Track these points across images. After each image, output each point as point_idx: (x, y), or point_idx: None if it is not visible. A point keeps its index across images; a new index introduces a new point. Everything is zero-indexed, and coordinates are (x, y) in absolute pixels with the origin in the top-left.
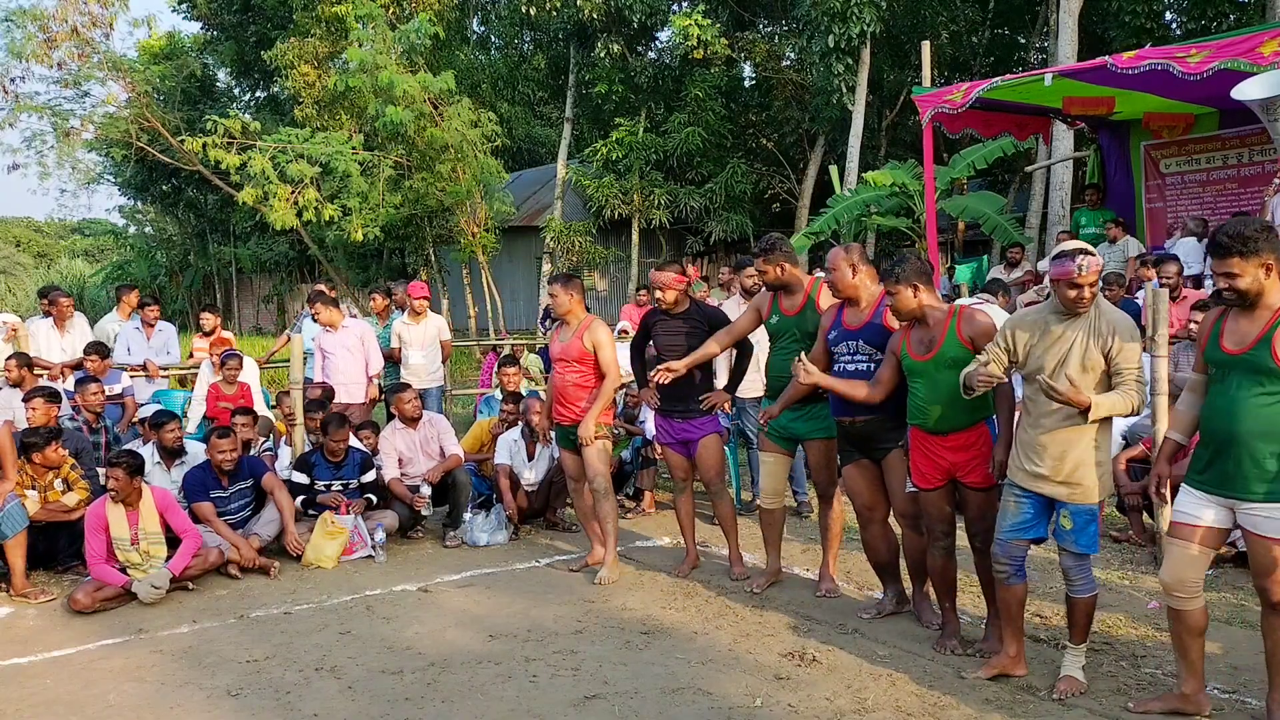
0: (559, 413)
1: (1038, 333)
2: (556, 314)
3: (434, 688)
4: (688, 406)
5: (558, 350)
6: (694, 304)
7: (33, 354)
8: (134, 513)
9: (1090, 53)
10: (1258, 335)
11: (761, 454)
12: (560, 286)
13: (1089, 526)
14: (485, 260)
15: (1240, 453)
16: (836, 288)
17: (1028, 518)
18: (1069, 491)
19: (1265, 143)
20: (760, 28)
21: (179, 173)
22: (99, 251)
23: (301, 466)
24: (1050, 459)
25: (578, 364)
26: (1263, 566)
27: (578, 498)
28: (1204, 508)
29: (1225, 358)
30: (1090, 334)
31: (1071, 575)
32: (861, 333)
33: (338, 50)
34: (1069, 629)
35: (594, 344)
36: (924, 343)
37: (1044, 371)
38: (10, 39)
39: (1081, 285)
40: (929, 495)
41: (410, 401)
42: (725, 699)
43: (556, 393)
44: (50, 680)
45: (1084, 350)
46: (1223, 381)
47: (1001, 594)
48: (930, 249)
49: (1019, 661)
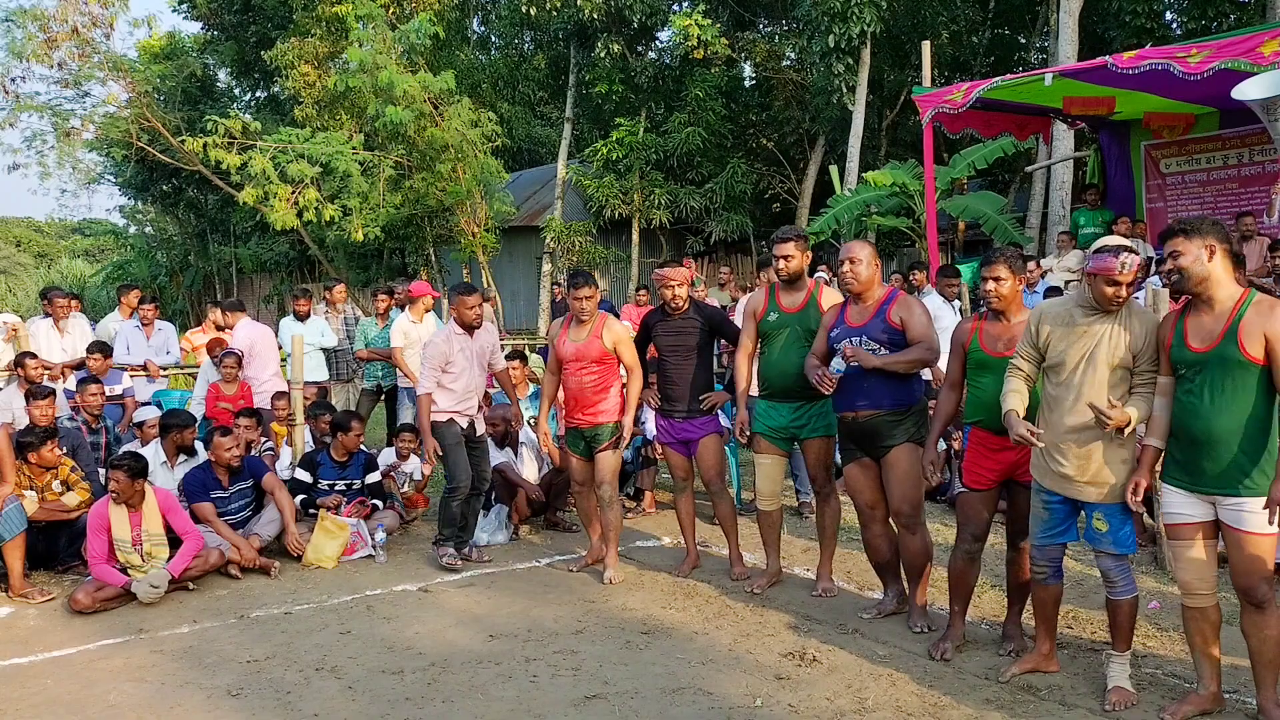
0: (577, 417)
1: (1062, 325)
2: (586, 314)
3: (434, 687)
4: (688, 406)
5: (572, 351)
6: (694, 304)
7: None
8: (136, 514)
9: (1090, 53)
10: (1222, 330)
11: (757, 456)
12: (593, 286)
13: (1125, 525)
14: (485, 260)
15: (1216, 450)
16: (855, 279)
17: (1058, 521)
18: (1098, 491)
19: (1265, 143)
20: (760, 28)
21: (179, 173)
22: (99, 251)
23: (306, 465)
24: (1075, 458)
25: (596, 364)
26: (1244, 563)
27: (583, 500)
28: (1190, 505)
29: (1193, 356)
30: (1121, 330)
31: (1112, 576)
32: (866, 329)
33: (338, 50)
34: (1112, 635)
35: (615, 342)
36: (1001, 339)
37: (1066, 369)
38: (10, 39)
39: (1121, 283)
40: (977, 496)
41: (474, 307)
42: (725, 699)
43: (571, 396)
44: (50, 680)
45: (1112, 347)
46: (1193, 380)
47: (1039, 594)
48: (930, 249)
49: (1051, 659)
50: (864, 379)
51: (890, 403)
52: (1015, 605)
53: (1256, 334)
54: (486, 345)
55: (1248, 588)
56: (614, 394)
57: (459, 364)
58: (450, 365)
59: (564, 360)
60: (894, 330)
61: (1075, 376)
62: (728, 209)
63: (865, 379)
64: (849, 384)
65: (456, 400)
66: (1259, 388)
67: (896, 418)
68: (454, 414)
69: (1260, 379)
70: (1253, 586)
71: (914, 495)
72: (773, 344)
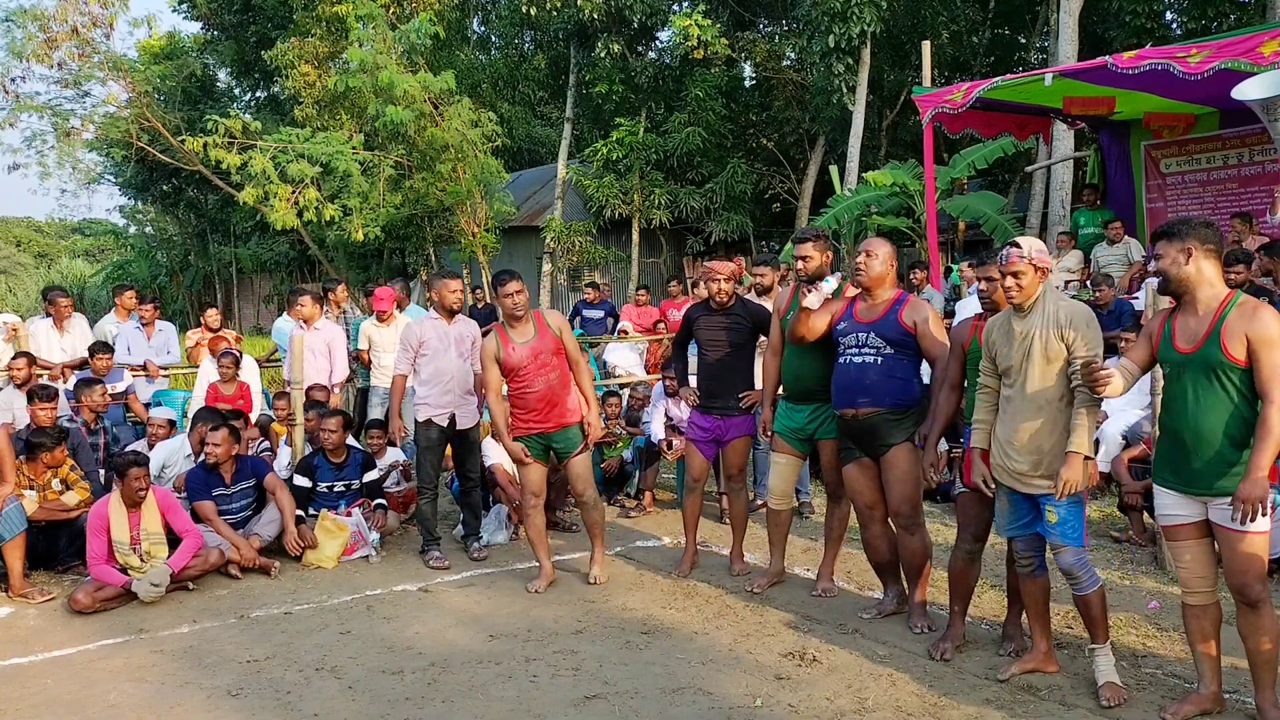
0: (546, 419)
1: (1003, 333)
2: (520, 308)
3: (434, 687)
4: (727, 404)
5: (526, 353)
6: (740, 301)
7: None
8: (136, 514)
9: (1090, 53)
10: (1206, 332)
11: (773, 455)
12: (519, 280)
13: (1074, 518)
14: (485, 260)
15: (1204, 450)
16: (865, 271)
17: (1023, 513)
18: (1049, 484)
19: (1265, 143)
20: (760, 28)
21: (179, 173)
22: (99, 251)
23: (304, 470)
24: (1028, 454)
25: (555, 356)
26: (1238, 561)
27: (536, 516)
28: (1182, 505)
29: (1179, 357)
30: (1048, 325)
31: (1075, 573)
32: (875, 326)
33: (338, 50)
34: (1089, 630)
35: (559, 327)
36: None
37: (1014, 371)
38: (10, 39)
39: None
40: (977, 496)
41: (455, 291)
42: (725, 699)
43: (538, 401)
44: (50, 680)
45: (1044, 342)
46: (1179, 381)
47: (1027, 587)
48: (930, 249)
49: (1049, 658)
50: (866, 376)
51: (891, 401)
52: (1015, 605)
53: (1239, 335)
54: (466, 334)
55: (1242, 586)
56: (573, 387)
57: (432, 346)
58: (424, 347)
59: (518, 368)
60: (905, 333)
61: (1020, 378)
62: (728, 209)
63: (866, 377)
64: (850, 381)
65: (435, 390)
66: (1242, 388)
67: (897, 417)
68: (434, 413)
69: (1243, 379)
70: (1247, 585)
71: (913, 496)
72: (791, 345)
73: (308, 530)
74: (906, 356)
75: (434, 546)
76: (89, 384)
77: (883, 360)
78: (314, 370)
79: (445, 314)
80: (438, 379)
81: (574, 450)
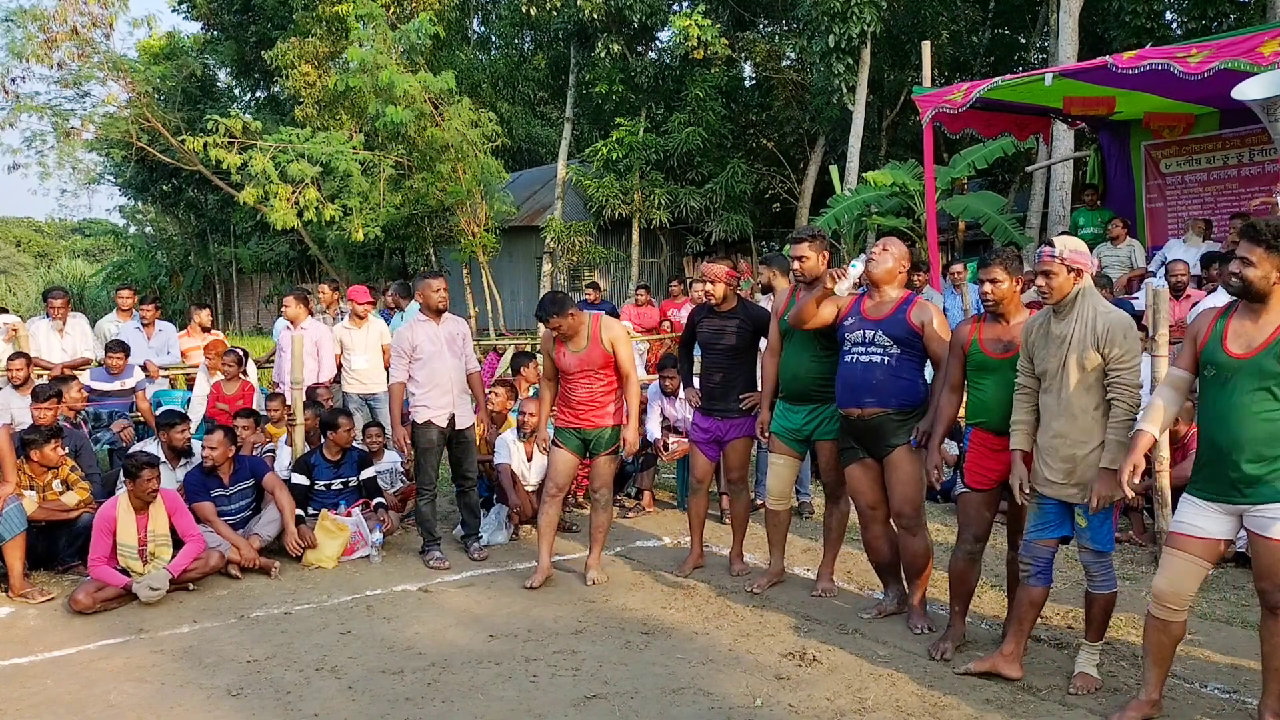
0: (584, 418)
1: (1041, 335)
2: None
3: (434, 688)
4: (727, 405)
5: (575, 363)
6: (742, 303)
7: (33, 354)
8: (144, 517)
9: (1090, 53)
10: (1266, 340)
11: (771, 455)
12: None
13: (1104, 524)
14: (485, 260)
15: (1244, 459)
16: (875, 265)
17: (1049, 517)
18: (1080, 493)
19: (1265, 143)
20: (760, 28)
21: (179, 173)
22: (99, 251)
23: (301, 469)
24: (1062, 463)
25: (603, 370)
26: (1268, 569)
27: (552, 507)
28: (1205, 518)
29: (1229, 361)
30: (1086, 332)
31: (1091, 571)
32: (882, 324)
33: (338, 50)
34: (1086, 625)
35: (612, 342)
36: (1001, 341)
37: (1050, 376)
38: (10, 39)
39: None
40: (978, 497)
41: (439, 290)
42: (725, 699)
43: (578, 402)
44: (50, 680)
45: (1081, 350)
46: (1224, 385)
47: (1020, 593)
48: (930, 249)
49: (1012, 661)
50: (872, 376)
51: (897, 402)
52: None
53: None
54: (456, 332)
55: (1267, 590)
56: (619, 395)
57: (425, 349)
58: (418, 351)
59: (566, 371)
60: (913, 332)
61: (1056, 383)
62: (728, 209)
63: (873, 376)
64: (857, 380)
65: (433, 393)
66: None
67: (902, 417)
68: (433, 414)
69: None
70: (1274, 589)
71: (916, 497)
72: (788, 345)
73: (308, 530)
74: (912, 357)
75: (434, 547)
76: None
77: (889, 360)
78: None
79: (433, 314)
80: (435, 381)
81: (604, 450)
